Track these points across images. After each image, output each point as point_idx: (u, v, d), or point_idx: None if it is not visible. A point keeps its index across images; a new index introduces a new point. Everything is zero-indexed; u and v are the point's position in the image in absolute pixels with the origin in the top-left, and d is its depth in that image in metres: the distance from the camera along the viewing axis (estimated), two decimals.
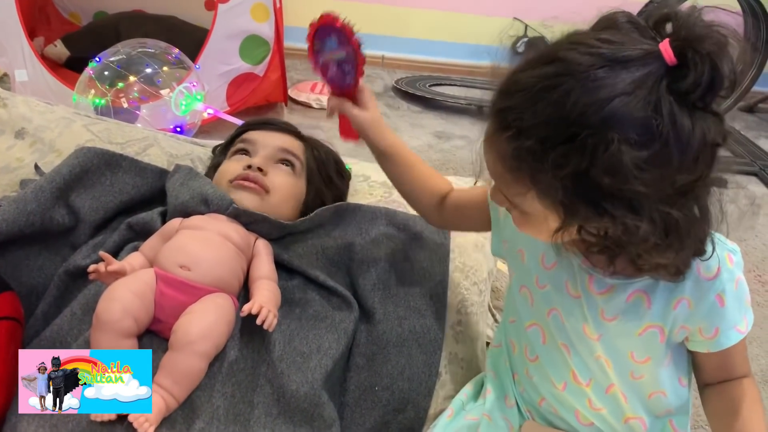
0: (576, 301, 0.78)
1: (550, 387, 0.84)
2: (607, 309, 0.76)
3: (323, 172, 1.18)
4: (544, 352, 0.84)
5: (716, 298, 0.72)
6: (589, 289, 0.76)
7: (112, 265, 0.86)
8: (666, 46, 0.57)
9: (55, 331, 0.90)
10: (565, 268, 0.78)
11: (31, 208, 0.99)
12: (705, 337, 0.75)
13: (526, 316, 0.85)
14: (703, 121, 0.58)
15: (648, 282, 0.74)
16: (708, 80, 0.56)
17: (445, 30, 3.28)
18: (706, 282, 0.72)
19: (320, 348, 0.93)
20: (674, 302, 0.73)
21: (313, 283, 1.02)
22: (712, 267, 0.71)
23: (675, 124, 0.56)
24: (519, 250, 0.85)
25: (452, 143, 2.49)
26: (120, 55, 2.00)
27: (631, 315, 0.75)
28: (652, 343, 0.77)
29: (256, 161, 1.09)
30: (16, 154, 1.28)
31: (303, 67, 3.16)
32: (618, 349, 0.78)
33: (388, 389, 0.97)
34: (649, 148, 0.57)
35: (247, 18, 2.23)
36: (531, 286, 0.83)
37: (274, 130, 1.17)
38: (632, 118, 0.56)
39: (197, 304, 0.85)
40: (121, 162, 1.11)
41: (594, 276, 0.76)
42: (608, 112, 0.56)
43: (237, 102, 2.32)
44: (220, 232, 0.96)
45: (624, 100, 0.56)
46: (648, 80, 0.57)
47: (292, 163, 1.13)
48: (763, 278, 1.81)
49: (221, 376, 0.84)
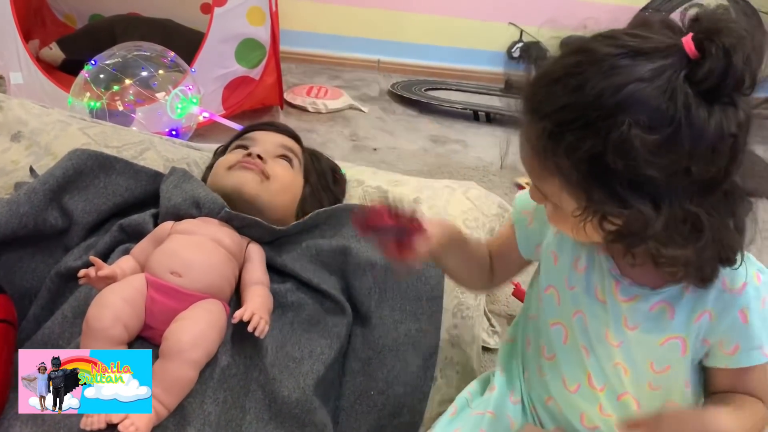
0: (602, 305, 0.78)
1: (562, 387, 0.84)
2: (630, 317, 0.76)
3: (321, 177, 1.19)
4: (562, 352, 0.84)
5: (739, 314, 0.71)
6: (615, 295, 0.77)
7: (102, 270, 0.86)
8: (688, 40, 0.58)
9: (46, 334, 0.89)
10: (596, 272, 0.79)
11: (24, 210, 0.98)
12: (725, 352, 0.74)
13: (550, 315, 0.85)
14: (721, 113, 0.58)
15: (673, 292, 0.73)
16: (722, 70, 0.57)
17: (440, 34, 3.29)
18: (729, 295, 0.71)
19: (312, 353, 0.93)
20: (697, 315, 0.73)
21: (306, 286, 1.01)
22: (738, 281, 0.70)
23: (689, 112, 0.57)
24: (552, 252, 0.85)
25: (448, 147, 2.49)
26: (115, 58, 2.00)
27: (654, 325, 0.75)
28: (673, 354, 0.76)
29: (257, 149, 1.09)
30: (11, 156, 1.28)
31: (299, 71, 3.17)
32: (637, 358, 0.78)
33: (383, 394, 0.97)
34: (660, 132, 0.57)
35: (243, 21, 2.23)
36: (560, 287, 0.83)
37: (274, 131, 1.18)
38: (646, 103, 0.57)
39: (188, 311, 0.85)
40: (115, 164, 1.11)
41: (620, 283, 0.76)
42: (623, 96, 0.58)
43: (233, 105, 2.32)
44: (212, 236, 0.95)
45: (640, 85, 0.57)
46: (667, 70, 0.58)
47: (290, 159, 1.13)
48: None
49: (213, 382, 0.83)
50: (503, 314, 1.50)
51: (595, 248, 0.79)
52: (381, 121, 2.70)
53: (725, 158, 0.59)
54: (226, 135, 2.06)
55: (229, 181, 1.04)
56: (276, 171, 1.08)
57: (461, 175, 2.23)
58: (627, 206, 0.61)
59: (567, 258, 0.82)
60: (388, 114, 2.79)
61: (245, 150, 1.11)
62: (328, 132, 2.53)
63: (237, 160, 1.07)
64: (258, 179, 1.05)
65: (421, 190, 1.28)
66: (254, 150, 1.08)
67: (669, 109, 0.57)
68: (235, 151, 1.13)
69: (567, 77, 0.62)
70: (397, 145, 2.47)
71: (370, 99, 2.94)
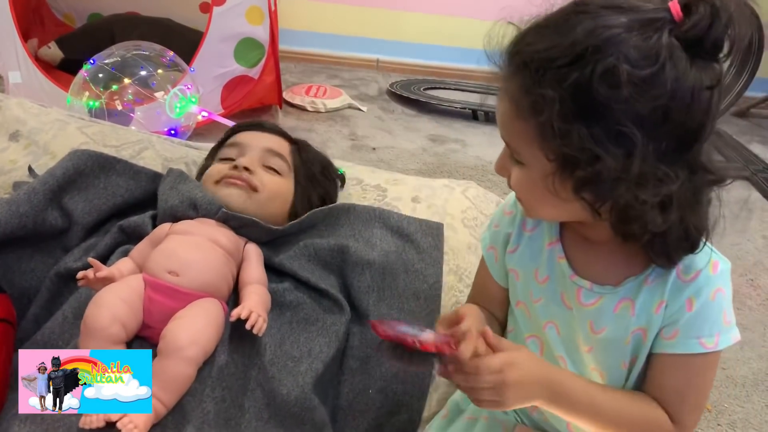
0: (569, 312, 0.78)
1: None
2: (596, 321, 0.76)
3: (308, 170, 1.18)
4: None
5: (686, 302, 0.71)
6: (579, 301, 0.77)
7: (100, 272, 0.86)
8: (675, 3, 0.61)
9: (46, 334, 0.89)
10: (557, 282, 0.79)
11: (24, 210, 0.98)
12: (665, 337, 0.73)
13: (525, 329, 0.85)
14: (701, 67, 0.60)
15: (632, 287, 0.74)
16: (706, 26, 0.59)
17: (439, 34, 3.29)
18: (682, 284, 0.71)
19: (311, 351, 0.93)
20: (655, 306, 0.73)
21: (304, 285, 1.01)
22: (692, 270, 0.71)
23: (672, 56, 0.59)
24: (511, 270, 0.85)
25: (446, 146, 2.49)
26: (114, 58, 2.00)
27: (619, 325, 0.75)
28: (638, 346, 0.76)
29: (243, 161, 1.08)
30: (9, 156, 1.28)
31: (298, 70, 3.17)
32: (609, 361, 0.78)
33: (381, 392, 0.97)
34: (646, 69, 0.59)
35: (242, 21, 2.23)
36: (527, 301, 0.83)
37: (261, 131, 1.17)
38: (634, 44, 0.59)
39: (186, 310, 0.85)
40: (115, 165, 1.11)
41: (582, 288, 0.76)
42: (612, 34, 0.60)
43: (231, 105, 2.32)
44: (210, 236, 0.96)
45: (629, 31, 0.60)
46: (654, 24, 0.60)
47: (278, 166, 1.12)
48: (755, 282, 1.82)
49: (211, 381, 0.83)
50: None
51: (555, 254, 0.79)
52: (380, 120, 2.71)
53: (700, 113, 0.61)
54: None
55: (216, 196, 1.04)
56: (263, 181, 1.08)
57: (460, 174, 2.24)
58: (603, 149, 0.61)
59: (527, 272, 0.82)
60: (387, 113, 2.79)
61: (232, 162, 1.10)
62: (327, 131, 2.53)
63: (223, 175, 1.07)
64: (245, 194, 1.05)
65: (420, 189, 1.29)
66: (240, 161, 1.08)
67: (655, 50, 0.59)
68: (222, 164, 1.11)
69: (557, 22, 0.64)
70: (396, 144, 2.47)
71: (369, 98, 2.95)
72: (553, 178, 0.65)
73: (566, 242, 0.79)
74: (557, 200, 0.67)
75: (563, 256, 0.78)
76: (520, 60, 0.65)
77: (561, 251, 0.79)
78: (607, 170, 0.61)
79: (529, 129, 0.64)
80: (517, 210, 0.85)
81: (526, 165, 0.68)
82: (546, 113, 0.62)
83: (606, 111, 0.60)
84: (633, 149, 0.60)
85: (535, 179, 0.67)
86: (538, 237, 0.82)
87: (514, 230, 0.85)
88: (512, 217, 0.85)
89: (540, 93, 0.62)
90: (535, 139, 0.64)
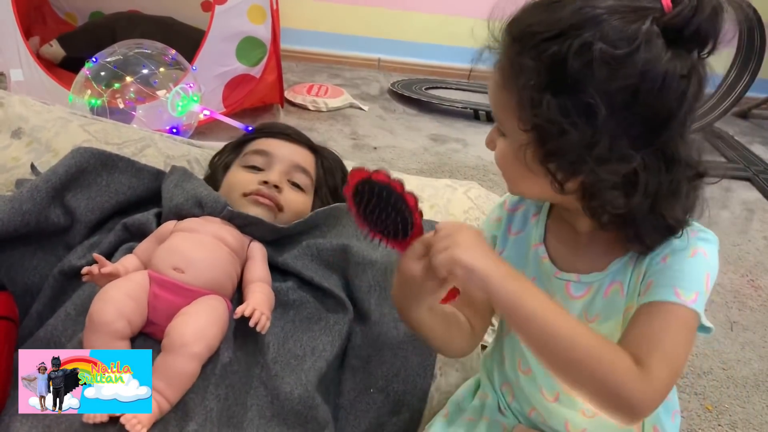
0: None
1: (542, 399, 0.84)
2: (589, 311, 0.77)
3: (330, 182, 1.19)
4: (536, 365, 0.83)
5: (661, 259, 0.71)
6: (568, 295, 0.77)
7: (105, 268, 0.86)
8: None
9: (49, 331, 0.90)
10: (543, 282, 0.80)
11: (27, 207, 0.98)
12: (641, 293, 0.71)
13: None
14: (676, 55, 0.62)
15: (619, 268, 0.74)
16: (688, 15, 0.62)
17: (441, 33, 3.29)
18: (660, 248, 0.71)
19: (314, 350, 0.94)
20: (637, 277, 0.73)
21: (308, 284, 1.02)
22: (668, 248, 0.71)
23: (649, 40, 0.62)
24: None
25: (448, 146, 2.49)
26: (116, 56, 2.00)
27: (611, 309, 0.76)
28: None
29: (274, 178, 1.07)
30: (12, 153, 1.28)
31: (299, 69, 3.17)
32: None
33: (383, 391, 0.97)
34: (619, 49, 0.61)
35: (243, 19, 2.23)
36: None
37: (288, 140, 1.16)
38: (614, 24, 0.62)
39: (191, 306, 0.85)
40: (118, 162, 1.11)
41: (570, 282, 0.77)
42: (595, 14, 0.62)
43: (233, 103, 2.32)
44: (215, 234, 0.96)
45: (612, 14, 0.62)
46: (641, 11, 0.63)
47: (303, 183, 1.12)
48: (756, 283, 1.82)
49: (215, 378, 0.83)
50: None
51: (539, 255, 0.80)
52: (381, 119, 2.71)
53: (671, 100, 0.63)
54: (227, 133, 2.08)
55: (242, 209, 1.04)
56: (289, 200, 1.08)
57: (461, 174, 2.24)
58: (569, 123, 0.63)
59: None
60: (389, 113, 2.79)
61: (258, 171, 1.10)
62: (329, 130, 2.53)
63: (252, 190, 1.06)
64: (271, 215, 1.06)
65: (422, 188, 1.29)
66: (271, 179, 1.07)
67: (633, 33, 0.61)
68: (248, 172, 1.10)
69: (551, 1, 0.66)
70: (397, 143, 2.47)
71: (371, 98, 2.95)
72: (525, 149, 0.67)
73: (550, 243, 0.81)
74: (531, 174, 0.69)
75: (546, 256, 0.80)
76: (512, 33, 0.68)
77: (544, 251, 0.80)
78: (571, 144, 0.64)
79: (510, 99, 0.67)
80: (503, 214, 0.87)
81: (507, 137, 0.71)
82: (522, 82, 0.65)
83: (576, 85, 0.62)
84: (598, 125, 0.62)
85: (513, 151, 0.69)
86: (523, 240, 0.83)
87: (499, 235, 0.86)
88: (499, 223, 0.87)
89: (520, 63, 0.65)
90: (514, 109, 0.67)
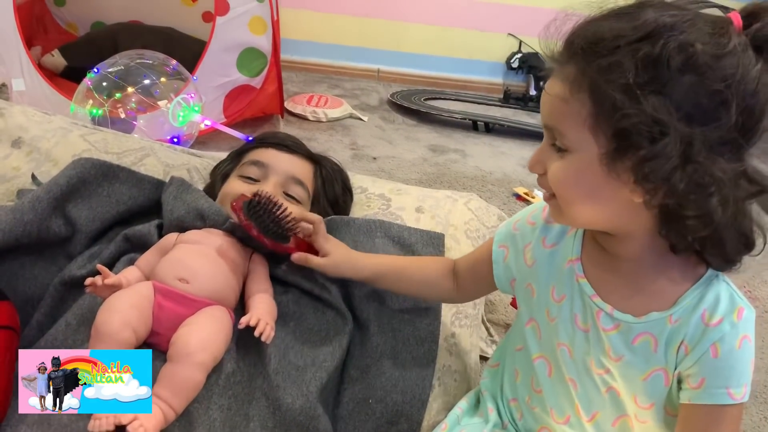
0: (584, 335, 0.77)
1: (550, 420, 0.83)
2: (613, 348, 0.75)
3: (329, 192, 1.19)
4: (548, 385, 0.82)
5: (711, 347, 0.69)
6: (597, 323, 0.75)
7: (108, 279, 0.87)
8: (735, 14, 0.62)
9: (49, 341, 0.90)
10: (574, 301, 0.77)
11: (28, 218, 0.99)
12: (690, 385, 0.71)
13: (533, 349, 0.84)
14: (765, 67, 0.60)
15: (656, 322, 0.72)
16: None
17: (440, 44, 3.31)
18: (706, 328, 0.69)
19: (315, 361, 0.94)
20: (675, 345, 0.71)
21: (308, 296, 1.02)
22: (717, 314, 0.69)
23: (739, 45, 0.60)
24: (528, 285, 0.84)
25: (447, 157, 2.50)
26: (118, 66, 2.01)
27: (638, 358, 0.73)
28: (656, 387, 0.74)
29: (268, 190, 1.06)
30: (12, 163, 1.28)
31: (299, 80, 3.19)
32: (621, 390, 0.76)
33: (381, 402, 0.97)
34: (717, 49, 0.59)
35: (244, 30, 2.24)
36: (540, 320, 0.82)
37: (286, 151, 1.16)
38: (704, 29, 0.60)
39: (195, 317, 0.86)
40: (119, 173, 1.12)
41: (602, 311, 0.75)
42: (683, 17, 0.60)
43: (234, 114, 2.33)
44: (217, 247, 0.96)
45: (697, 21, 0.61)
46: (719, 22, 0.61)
47: (299, 195, 1.12)
48: (753, 294, 1.83)
49: (218, 389, 0.84)
50: (501, 323, 1.50)
51: (574, 273, 0.77)
52: (380, 130, 2.72)
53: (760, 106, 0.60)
54: (228, 143, 2.09)
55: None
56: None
57: (460, 184, 2.25)
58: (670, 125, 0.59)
59: (543, 288, 0.81)
60: (388, 123, 2.80)
61: (253, 182, 1.10)
62: (328, 141, 2.54)
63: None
64: None
65: (423, 199, 1.29)
66: (265, 190, 1.06)
67: (724, 36, 0.60)
68: (243, 182, 1.10)
69: (618, 14, 0.64)
70: (397, 154, 2.48)
71: (370, 108, 2.96)
72: (601, 160, 0.63)
73: (586, 262, 0.77)
74: (595, 193, 0.65)
75: (583, 276, 0.76)
76: (579, 44, 0.64)
77: (581, 270, 0.77)
78: (669, 146, 0.59)
79: (582, 109, 0.63)
80: (539, 223, 0.83)
81: (571, 152, 0.66)
82: (611, 85, 0.60)
83: (677, 85, 0.59)
84: (697, 128, 0.59)
85: (580, 168, 0.65)
86: (557, 254, 0.80)
87: (533, 242, 0.83)
88: (533, 228, 0.84)
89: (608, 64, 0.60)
90: (587, 119, 0.63)
